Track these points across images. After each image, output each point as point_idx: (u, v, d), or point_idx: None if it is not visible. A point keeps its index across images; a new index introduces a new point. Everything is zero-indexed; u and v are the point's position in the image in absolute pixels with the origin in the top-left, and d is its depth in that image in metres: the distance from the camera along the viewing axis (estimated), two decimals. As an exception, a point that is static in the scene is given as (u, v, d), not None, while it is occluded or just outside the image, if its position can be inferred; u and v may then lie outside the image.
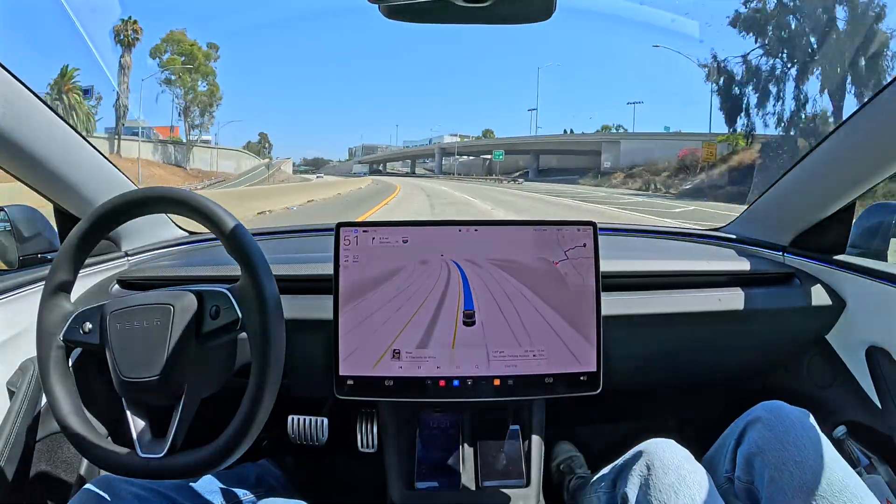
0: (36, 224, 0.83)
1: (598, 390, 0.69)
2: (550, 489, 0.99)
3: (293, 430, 0.87)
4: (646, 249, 1.05)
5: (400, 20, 0.44)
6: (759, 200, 1.02)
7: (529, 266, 0.69)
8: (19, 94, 0.67)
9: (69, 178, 0.78)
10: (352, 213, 10.50)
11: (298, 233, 1.16)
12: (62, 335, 0.60)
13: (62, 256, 0.61)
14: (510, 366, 0.68)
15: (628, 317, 0.79)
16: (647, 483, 0.58)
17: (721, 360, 0.92)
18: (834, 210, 0.85)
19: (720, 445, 0.67)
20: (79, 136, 0.78)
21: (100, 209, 0.61)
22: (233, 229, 0.59)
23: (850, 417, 0.82)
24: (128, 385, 0.58)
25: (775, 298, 0.85)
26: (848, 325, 0.85)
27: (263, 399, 0.56)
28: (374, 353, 0.67)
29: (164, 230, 1.05)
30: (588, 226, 0.70)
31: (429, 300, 0.68)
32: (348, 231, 0.69)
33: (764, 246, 0.99)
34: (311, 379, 0.79)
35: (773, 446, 0.57)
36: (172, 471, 0.57)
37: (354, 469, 1.01)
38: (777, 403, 0.62)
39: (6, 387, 0.70)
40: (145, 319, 0.59)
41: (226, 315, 0.59)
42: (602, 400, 0.70)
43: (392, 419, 0.77)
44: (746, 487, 0.60)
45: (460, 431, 0.75)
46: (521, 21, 0.46)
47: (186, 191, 0.62)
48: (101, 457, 0.58)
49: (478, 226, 0.70)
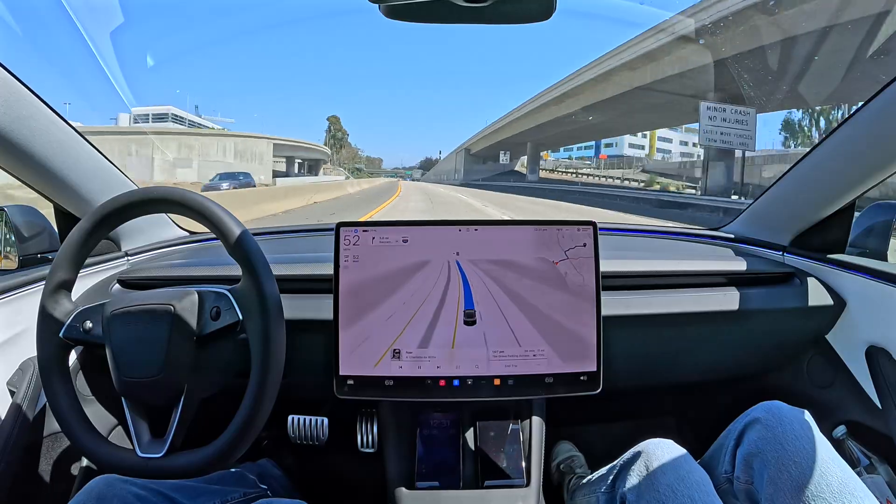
0: (36, 224, 0.83)
1: (598, 390, 0.69)
2: (550, 489, 0.99)
3: (293, 429, 0.87)
4: (646, 249, 1.05)
5: (400, 20, 0.44)
6: (759, 200, 1.02)
7: (529, 266, 0.69)
8: (20, 95, 0.67)
9: (69, 179, 0.78)
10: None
11: (298, 233, 1.16)
12: (63, 332, 0.60)
13: (63, 255, 0.61)
14: (510, 365, 0.68)
15: (628, 317, 0.79)
16: (646, 483, 0.58)
17: (721, 360, 0.92)
18: (834, 210, 0.85)
19: (719, 446, 0.67)
20: (79, 136, 0.78)
21: (103, 208, 0.61)
22: (233, 231, 0.59)
23: (850, 417, 0.82)
24: (127, 384, 0.58)
25: (775, 298, 0.85)
26: (848, 325, 0.85)
27: (262, 403, 0.57)
28: (374, 353, 0.67)
29: (164, 230, 1.05)
30: (588, 225, 0.70)
31: (429, 300, 0.68)
32: (348, 231, 0.69)
33: (764, 246, 0.99)
34: (311, 379, 0.79)
35: (773, 447, 0.57)
36: (171, 471, 0.57)
37: (354, 469, 1.01)
38: (776, 404, 0.62)
39: (6, 387, 0.70)
40: (146, 319, 0.59)
41: (226, 317, 0.59)
42: (602, 400, 0.70)
43: (392, 419, 0.77)
44: (746, 488, 0.60)
45: (460, 431, 0.75)
46: (521, 21, 0.46)
47: (188, 192, 0.62)
48: (100, 456, 0.58)
49: (478, 226, 0.70)
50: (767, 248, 0.98)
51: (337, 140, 55.41)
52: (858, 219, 0.89)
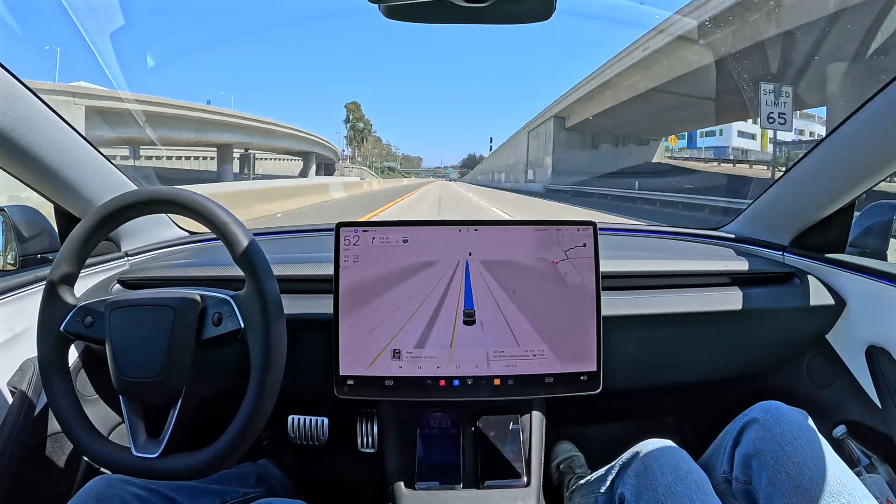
0: (36, 224, 0.83)
1: (598, 390, 0.69)
2: (550, 489, 0.99)
3: (293, 429, 0.87)
4: (646, 249, 1.05)
5: (400, 20, 0.44)
6: (758, 200, 1.02)
7: (529, 266, 0.69)
8: (20, 95, 0.67)
9: (70, 179, 0.78)
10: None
11: (299, 232, 1.16)
12: (63, 326, 0.60)
13: (65, 252, 0.61)
14: (510, 365, 0.68)
15: (628, 317, 0.79)
16: (645, 483, 0.58)
17: (721, 360, 0.92)
18: (834, 209, 0.85)
19: (718, 446, 0.67)
20: (79, 136, 0.78)
21: (106, 206, 0.61)
22: (236, 234, 0.59)
23: (850, 417, 0.82)
24: (126, 383, 0.58)
25: (775, 298, 0.85)
26: (848, 325, 0.85)
27: (259, 410, 0.57)
28: (374, 353, 0.67)
29: (164, 230, 1.05)
30: (588, 226, 0.70)
31: (429, 300, 0.68)
32: (348, 231, 0.69)
33: (764, 245, 0.99)
34: (311, 379, 0.79)
35: (771, 447, 0.57)
36: (165, 472, 0.57)
37: (354, 469, 1.01)
38: (774, 404, 0.62)
39: (6, 387, 0.70)
40: (147, 318, 0.59)
41: (228, 323, 0.59)
42: (602, 400, 0.70)
43: (392, 419, 0.77)
44: (744, 488, 0.60)
45: (460, 431, 0.75)
46: (521, 21, 0.46)
47: (191, 192, 0.62)
48: (96, 453, 0.58)
49: (478, 226, 0.70)
50: (767, 248, 0.98)
51: (358, 132, 48.78)
52: (858, 219, 0.89)
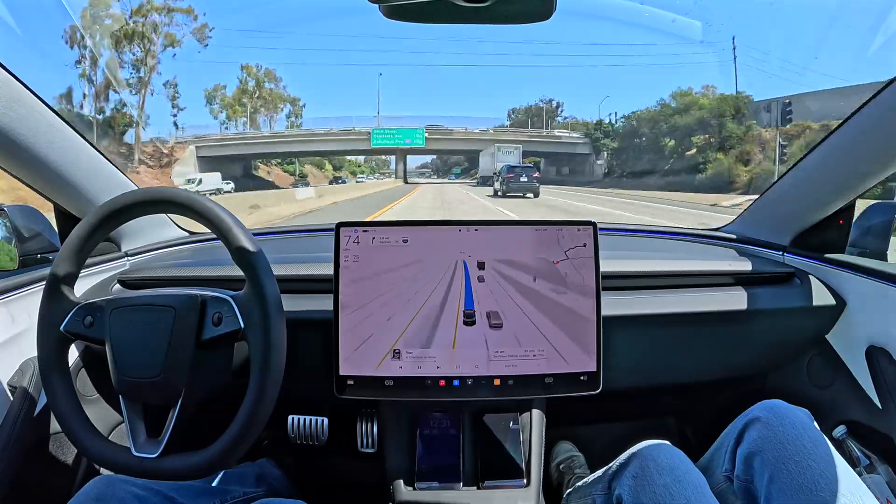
0: (36, 224, 0.83)
1: (598, 390, 0.69)
2: (550, 489, 0.99)
3: (293, 429, 0.87)
4: (646, 249, 1.05)
5: (400, 20, 0.44)
6: (759, 200, 1.02)
7: (530, 266, 0.69)
8: (20, 95, 0.67)
9: (70, 179, 0.78)
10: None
11: (299, 232, 1.16)
12: (63, 326, 0.60)
13: (66, 252, 0.61)
14: (510, 366, 0.68)
15: (628, 317, 0.79)
16: (642, 485, 0.58)
17: (721, 360, 0.92)
18: (834, 210, 0.85)
19: (719, 444, 0.67)
20: (79, 136, 0.78)
21: (106, 206, 0.61)
22: (237, 234, 0.59)
23: (850, 417, 0.82)
24: (126, 383, 0.58)
25: (775, 298, 0.85)
26: (848, 325, 0.85)
27: (259, 412, 0.57)
28: (374, 353, 0.67)
29: (164, 230, 1.05)
30: (588, 226, 0.70)
31: (429, 300, 0.68)
32: (348, 231, 0.69)
33: (764, 246, 0.99)
34: (311, 379, 0.79)
35: (773, 445, 0.57)
36: (164, 472, 0.57)
37: (354, 469, 1.01)
38: (776, 402, 0.62)
39: (6, 387, 0.70)
40: (147, 318, 0.59)
41: (228, 323, 0.59)
42: (602, 400, 0.70)
43: (392, 419, 0.77)
44: (745, 486, 0.60)
45: (461, 431, 0.75)
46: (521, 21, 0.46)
47: (192, 193, 0.62)
48: (95, 452, 0.58)
49: (478, 226, 0.70)
50: (767, 248, 0.98)
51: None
52: (858, 219, 0.89)
